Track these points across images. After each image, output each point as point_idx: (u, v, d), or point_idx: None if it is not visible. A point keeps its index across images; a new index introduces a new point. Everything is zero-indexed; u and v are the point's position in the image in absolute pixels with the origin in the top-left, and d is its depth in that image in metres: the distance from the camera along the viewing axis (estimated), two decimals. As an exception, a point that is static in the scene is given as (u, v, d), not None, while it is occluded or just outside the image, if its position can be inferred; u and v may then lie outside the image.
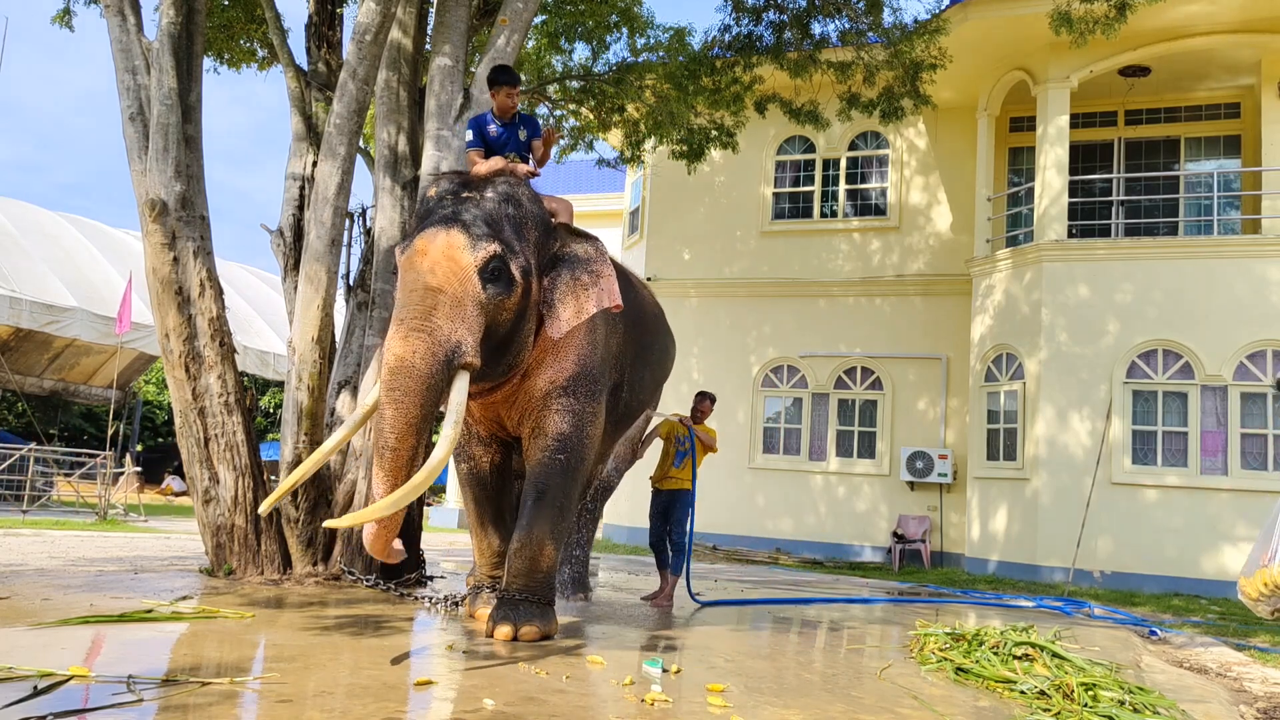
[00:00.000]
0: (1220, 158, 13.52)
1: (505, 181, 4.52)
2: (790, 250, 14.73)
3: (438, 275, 4.03)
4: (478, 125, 5.24)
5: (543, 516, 4.43)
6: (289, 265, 7.09)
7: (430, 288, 3.99)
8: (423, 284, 4.01)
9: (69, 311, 14.81)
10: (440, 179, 4.60)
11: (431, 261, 4.06)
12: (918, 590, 9.43)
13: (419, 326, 3.92)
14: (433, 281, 4.01)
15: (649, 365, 5.89)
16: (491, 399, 4.60)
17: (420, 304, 3.96)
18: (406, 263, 4.13)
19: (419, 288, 4.01)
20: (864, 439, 14.06)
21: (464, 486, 5.06)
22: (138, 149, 6.01)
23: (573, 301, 4.49)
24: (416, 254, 4.11)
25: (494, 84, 5.30)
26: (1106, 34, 8.44)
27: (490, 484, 5.01)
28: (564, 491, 4.52)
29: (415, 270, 4.07)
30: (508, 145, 5.21)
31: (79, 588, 5.28)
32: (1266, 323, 11.01)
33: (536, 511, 4.44)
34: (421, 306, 3.95)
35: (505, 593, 4.42)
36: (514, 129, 5.29)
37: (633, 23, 10.87)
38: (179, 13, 6.08)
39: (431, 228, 4.17)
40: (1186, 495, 11.04)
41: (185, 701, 2.84)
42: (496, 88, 5.28)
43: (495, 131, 5.22)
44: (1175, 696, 3.97)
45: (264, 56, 9.97)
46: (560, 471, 4.52)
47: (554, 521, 4.46)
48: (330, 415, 6.50)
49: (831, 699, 3.51)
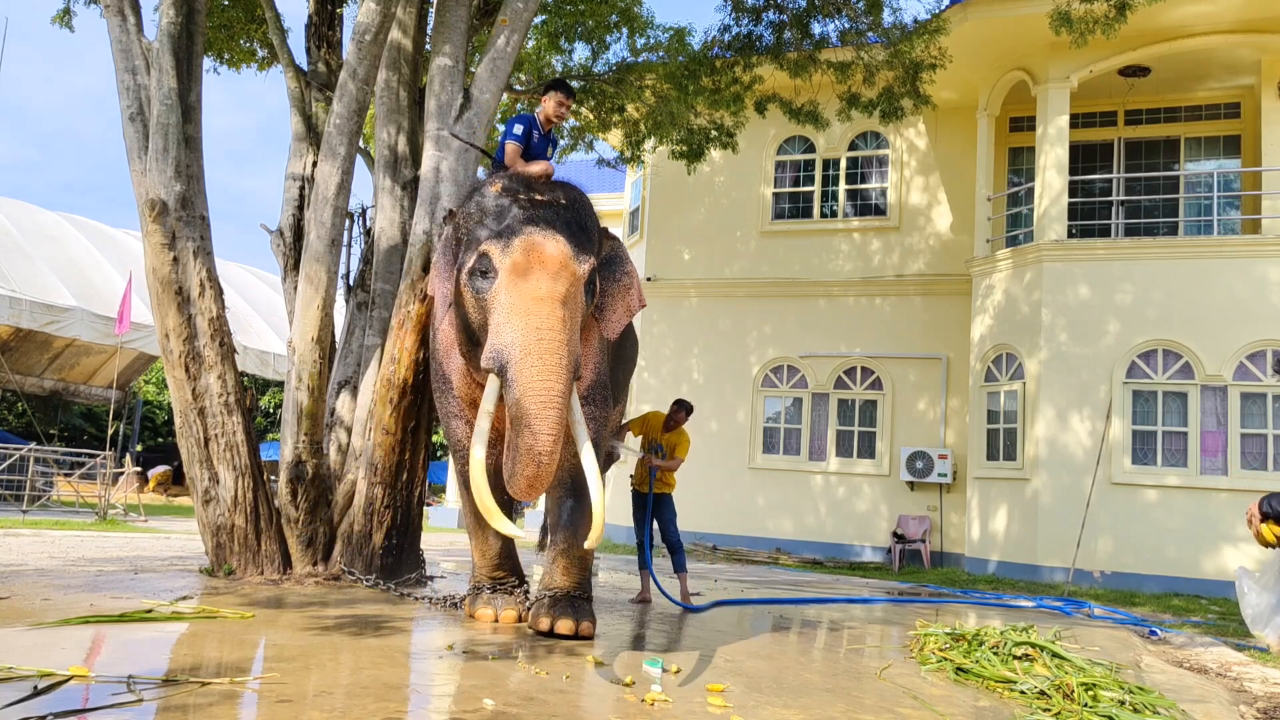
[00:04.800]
0: (1220, 158, 13.52)
1: (572, 187, 4.57)
2: (790, 250, 14.73)
3: (560, 285, 4.00)
4: (528, 126, 5.28)
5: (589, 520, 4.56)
6: (289, 265, 7.09)
7: (557, 298, 3.97)
8: (549, 292, 3.96)
9: (69, 311, 14.81)
10: (502, 177, 4.57)
11: (554, 269, 4.01)
12: (918, 590, 9.43)
13: (558, 340, 3.88)
14: (558, 291, 3.99)
15: (622, 364, 5.99)
16: None
17: (552, 315, 3.92)
18: (522, 265, 4.02)
19: (546, 297, 3.95)
20: (864, 439, 14.06)
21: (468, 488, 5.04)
22: (138, 149, 6.00)
23: (620, 303, 4.60)
24: (535, 258, 4.01)
25: (551, 90, 5.37)
26: (1106, 34, 8.44)
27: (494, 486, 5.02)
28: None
29: (539, 277, 3.99)
30: (539, 155, 5.28)
31: (79, 588, 5.28)
32: (1266, 323, 11.01)
33: (579, 513, 4.61)
34: (554, 318, 3.92)
35: (558, 591, 4.59)
36: (548, 141, 5.39)
37: (633, 23, 10.87)
38: (179, 13, 6.08)
39: (539, 232, 4.10)
40: (1186, 495, 11.04)
41: (185, 701, 2.84)
42: (553, 94, 5.35)
43: (536, 138, 5.29)
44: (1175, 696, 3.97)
45: (264, 56, 9.97)
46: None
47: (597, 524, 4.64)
48: (330, 415, 6.50)
49: (831, 699, 3.51)
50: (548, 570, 4.70)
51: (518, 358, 3.83)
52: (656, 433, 6.55)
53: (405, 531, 6.13)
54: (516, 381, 3.81)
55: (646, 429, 6.60)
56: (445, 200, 6.07)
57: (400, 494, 6.05)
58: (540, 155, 5.32)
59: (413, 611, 5.11)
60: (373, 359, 6.42)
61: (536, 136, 5.31)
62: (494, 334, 3.98)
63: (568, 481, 4.69)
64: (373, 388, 6.16)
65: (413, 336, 5.88)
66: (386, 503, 6.00)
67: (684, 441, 6.57)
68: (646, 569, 6.53)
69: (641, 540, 6.51)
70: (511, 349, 3.86)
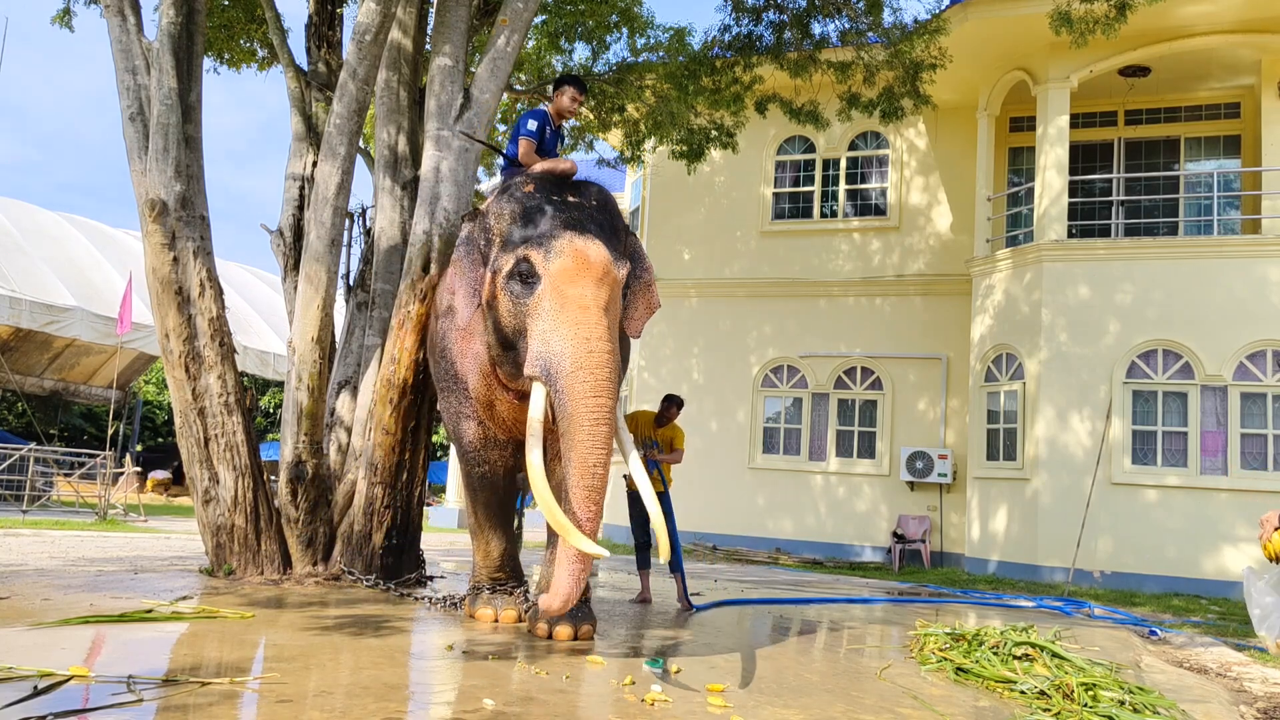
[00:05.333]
0: (1220, 158, 13.52)
1: (599, 187, 4.55)
2: (790, 250, 14.73)
3: (603, 292, 4.00)
4: (542, 121, 5.25)
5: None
6: (289, 265, 7.09)
7: (601, 305, 3.97)
8: (594, 299, 3.96)
9: (69, 311, 14.82)
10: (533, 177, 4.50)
11: (598, 276, 4.00)
12: (918, 590, 9.42)
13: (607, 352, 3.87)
14: (602, 298, 3.99)
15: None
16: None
17: (599, 324, 3.92)
18: (569, 272, 3.99)
19: (592, 304, 3.94)
20: (864, 439, 14.06)
21: (476, 490, 5.02)
22: (138, 149, 6.00)
23: (642, 301, 4.58)
24: (580, 265, 3.99)
25: (565, 84, 5.35)
26: (1106, 34, 8.43)
27: (501, 488, 5.03)
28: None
29: (584, 284, 3.97)
30: (550, 151, 5.25)
31: (79, 588, 5.28)
32: (1266, 323, 11.01)
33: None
34: (601, 327, 3.92)
35: None
36: (558, 137, 5.36)
37: (633, 23, 10.87)
38: (179, 13, 6.08)
39: (581, 237, 4.07)
40: (1186, 495, 11.04)
41: (185, 701, 2.84)
42: (567, 89, 5.32)
43: (549, 134, 5.27)
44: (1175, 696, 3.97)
45: (264, 56, 9.97)
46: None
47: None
48: (330, 415, 6.50)
49: (831, 699, 3.51)
50: (545, 574, 4.70)
51: (569, 370, 3.81)
52: (648, 430, 6.55)
53: (405, 531, 6.13)
54: (568, 395, 3.79)
55: (636, 428, 6.60)
56: (445, 200, 6.07)
57: (400, 494, 6.05)
58: (552, 150, 5.30)
59: (413, 611, 5.11)
60: (373, 359, 6.42)
61: (549, 132, 5.29)
62: (540, 341, 3.93)
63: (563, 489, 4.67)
64: (373, 388, 6.16)
65: (413, 336, 5.88)
66: (386, 503, 6.00)
67: (679, 435, 6.61)
68: (646, 569, 6.53)
69: (642, 540, 6.52)
70: (561, 360, 3.83)
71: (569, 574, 3.79)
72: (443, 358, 5.04)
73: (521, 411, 4.64)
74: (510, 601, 4.95)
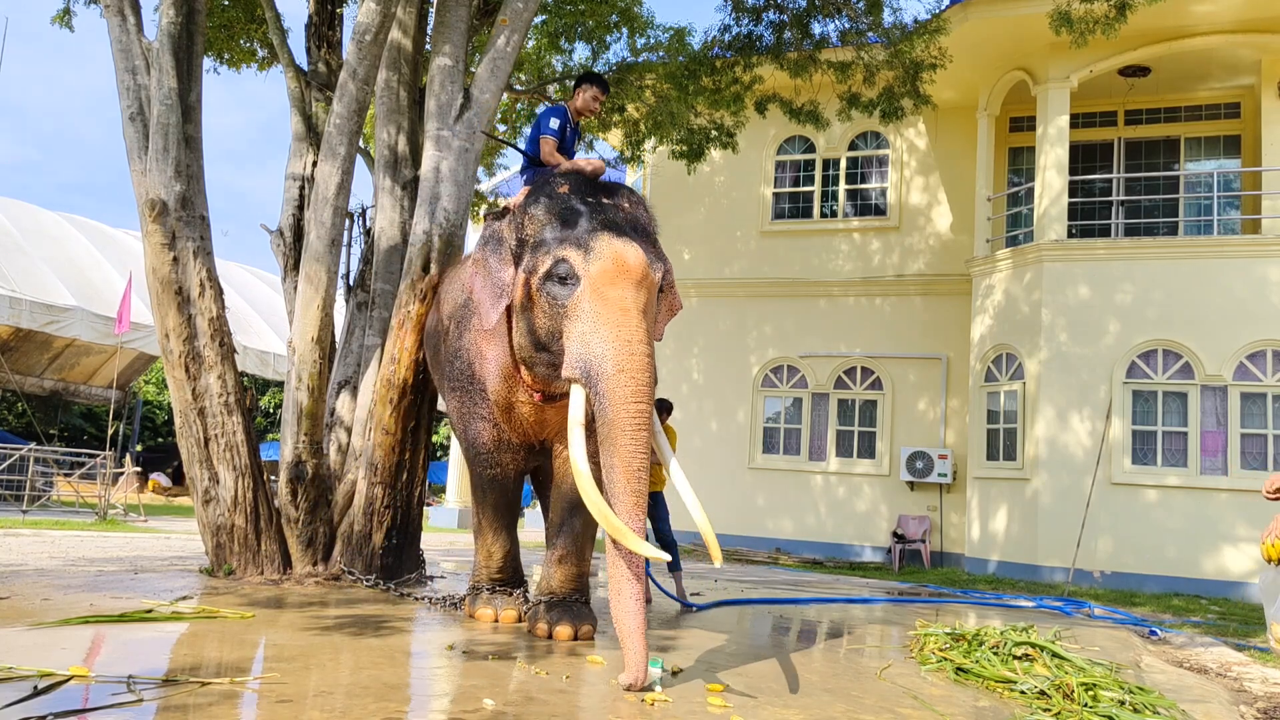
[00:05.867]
0: (1220, 158, 13.52)
1: (630, 189, 4.50)
2: (790, 250, 14.73)
3: (642, 295, 3.97)
4: (563, 119, 5.22)
5: (590, 524, 4.59)
6: (289, 265, 7.09)
7: (640, 308, 3.94)
8: (634, 302, 3.92)
9: (69, 311, 14.82)
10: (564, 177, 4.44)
11: (637, 279, 3.97)
12: (918, 590, 9.42)
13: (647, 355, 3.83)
14: (641, 301, 3.96)
15: None
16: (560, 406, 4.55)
17: (640, 328, 3.88)
18: (610, 274, 3.94)
19: (633, 308, 3.90)
20: (864, 439, 14.06)
21: (485, 491, 4.98)
22: (138, 149, 6.00)
23: (665, 303, 4.53)
24: (620, 267, 3.95)
25: (588, 82, 5.32)
26: (1106, 34, 8.43)
27: (510, 490, 5.02)
28: None
29: (624, 286, 3.94)
30: (569, 150, 5.23)
31: (79, 588, 5.28)
32: (1266, 323, 11.01)
33: (586, 519, 4.59)
34: (641, 330, 3.88)
35: (555, 595, 4.61)
36: (576, 135, 5.34)
37: (633, 23, 10.88)
38: (179, 13, 6.08)
39: (620, 240, 4.03)
40: (1186, 495, 11.04)
41: (185, 701, 2.84)
42: (589, 87, 5.30)
43: (569, 132, 5.24)
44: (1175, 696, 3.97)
45: (264, 56, 9.97)
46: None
47: (594, 529, 4.66)
48: (330, 415, 6.50)
49: (831, 699, 3.51)
50: (546, 575, 4.69)
51: (610, 373, 3.76)
52: None
53: (405, 531, 6.13)
54: (609, 399, 3.73)
55: None
56: (445, 200, 6.07)
57: (400, 494, 6.05)
58: (571, 149, 5.28)
59: (413, 611, 5.11)
60: (373, 359, 6.42)
61: (569, 130, 5.27)
62: (579, 344, 3.88)
63: (570, 492, 4.66)
64: (373, 388, 6.16)
65: (413, 336, 5.88)
66: (386, 503, 6.00)
67: (673, 436, 6.58)
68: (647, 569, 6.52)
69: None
70: (603, 363, 3.78)
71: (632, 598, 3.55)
72: (456, 358, 4.95)
73: (541, 414, 4.64)
74: (510, 601, 4.95)
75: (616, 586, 3.57)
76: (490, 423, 4.81)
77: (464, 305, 4.93)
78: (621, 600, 3.53)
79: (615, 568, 3.58)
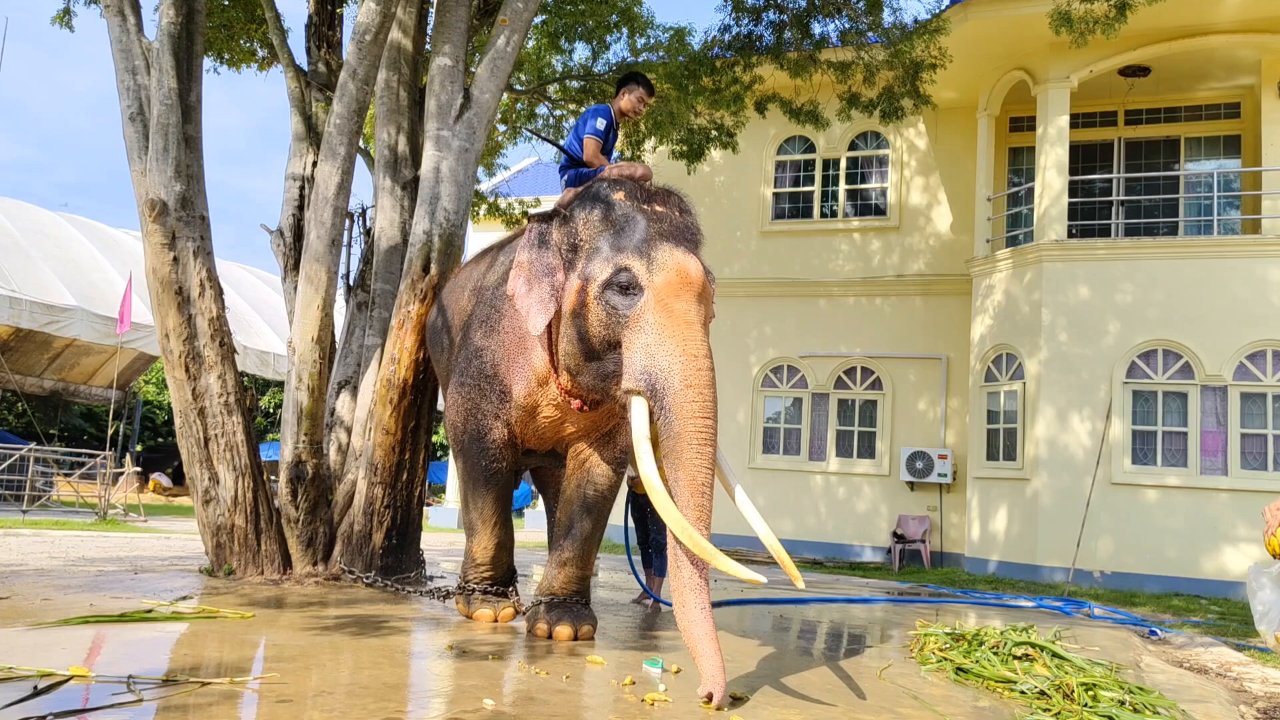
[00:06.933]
0: (1220, 158, 13.52)
1: (679, 194, 4.47)
2: (790, 250, 14.73)
3: (704, 308, 3.96)
4: (609, 121, 5.19)
5: (597, 528, 4.69)
6: (289, 265, 7.09)
7: (703, 320, 3.93)
8: (698, 315, 3.90)
9: (69, 311, 14.82)
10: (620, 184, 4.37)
11: (698, 291, 3.94)
12: (918, 590, 9.42)
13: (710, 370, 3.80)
14: (703, 313, 3.95)
15: None
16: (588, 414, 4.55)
17: (703, 341, 3.85)
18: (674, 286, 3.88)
19: (696, 320, 3.87)
20: (864, 439, 14.06)
21: (484, 484, 4.88)
22: (138, 149, 6.00)
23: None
24: (683, 279, 3.91)
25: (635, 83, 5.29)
26: (1106, 34, 8.44)
27: (509, 487, 5.03)
28: (610, 505, 4.83)
29: (688, 299, 3.89)
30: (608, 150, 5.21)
31: (79, 588, 5.28)
32: (1266, 323, 11.01)
33: (594, 523, 4.67)
34: (705, 344, 3.85)
35: (556, 596, 4.62)
36: (616, 136, 5.32)
37: (633, 23, 10.88)
38: (179, 13, 6.08)
39: (682, 251, 4.00)
40: (1186, 495, 11.04)
41: (185, 701, 2.84)
42: (636, 88, 5.27)
43: (611, 134, 5.23)
44: (1175, 696, 3.97)
45: (264, 56, 9.98)
46: (611, 488, 4.77)
47: (601, 532, 4.78)
48: (330, 415, 6.50)
49: (831, 699, 3.51)
50: (548, 575, 4.69)
51: (678, 388, 3.69)
52: None
53: (405, 531, 6.14)
54: (675, 414, 3.67)
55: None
56: (445, 200, 6.08)
57: (400, 494, 6.05)
58: (610, 150, 5.25)
59: (413, 611, 5.11)
60: (373, 359, 6.42)
61: (611, 132, 5.24)
62: (643, 355, 3.80)
63: (580, 496, 4.68)
64: (373, 388, 6.17)
65: (413, 336, 5.89)
66: (386, 503, 6.00)
67: None
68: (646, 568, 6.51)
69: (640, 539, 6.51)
70: (669, 376, 3.72)
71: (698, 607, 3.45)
72: (476, 357, 4.81)
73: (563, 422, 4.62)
74: (507, 601, 4.96)
75: (681, 597, 3.48)
76: (503, 422, 4.74)
77: (491, 305, 4.82)
78: (688, 610, 3.44)
79: (678, 577, 3.51)
